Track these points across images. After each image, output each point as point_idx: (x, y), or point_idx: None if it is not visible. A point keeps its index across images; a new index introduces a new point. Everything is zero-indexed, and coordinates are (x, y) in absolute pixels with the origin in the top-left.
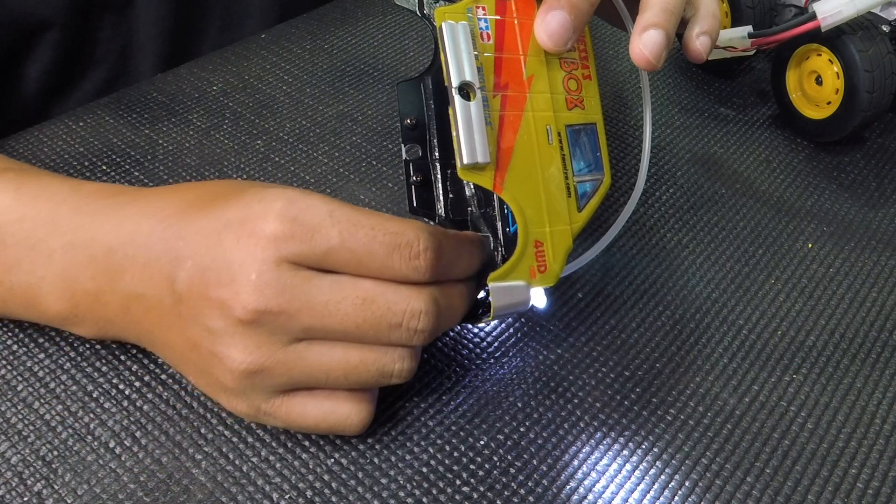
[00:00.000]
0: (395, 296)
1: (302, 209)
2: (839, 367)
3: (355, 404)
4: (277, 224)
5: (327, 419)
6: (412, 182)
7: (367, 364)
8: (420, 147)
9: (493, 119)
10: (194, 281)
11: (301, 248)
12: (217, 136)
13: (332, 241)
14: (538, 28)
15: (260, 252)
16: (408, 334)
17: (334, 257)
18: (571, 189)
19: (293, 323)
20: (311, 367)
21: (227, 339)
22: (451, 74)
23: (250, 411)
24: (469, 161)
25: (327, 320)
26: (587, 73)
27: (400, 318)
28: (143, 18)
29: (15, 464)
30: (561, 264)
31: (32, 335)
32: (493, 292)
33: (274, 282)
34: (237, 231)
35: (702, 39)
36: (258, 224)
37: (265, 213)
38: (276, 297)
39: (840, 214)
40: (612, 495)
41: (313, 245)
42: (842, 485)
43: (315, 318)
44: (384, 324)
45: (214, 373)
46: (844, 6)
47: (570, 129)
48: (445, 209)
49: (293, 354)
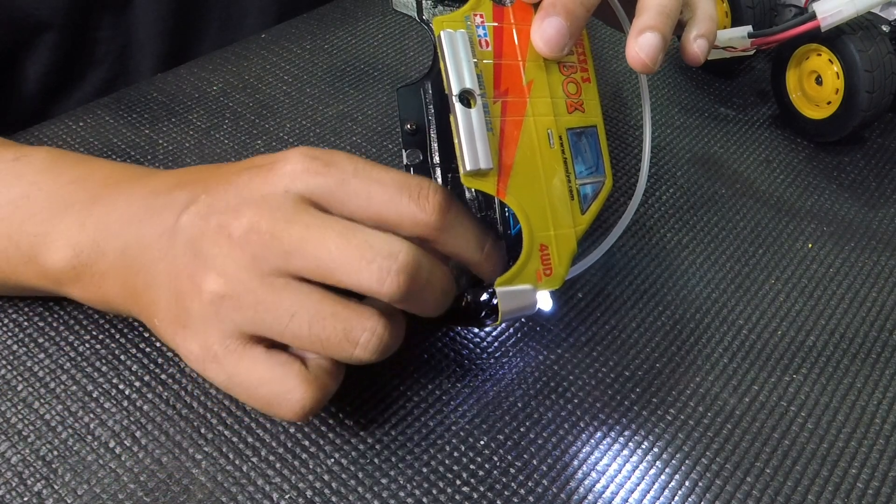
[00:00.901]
0: (380, 237)
1: (324, 152)
2: (839, 367)
3: (304, 384)
4: (297, 162)
5: (270, 385)
6: None
7: (337, 319)
8: (420, 152)
9: (494, 125)
10: (200, 211)
11: (315, 180)
12: (217, 136)
13: (346, 171)
14: (535, 35)
15: (271, 184)
16: (379, 273)
17: (345, 188)
18: (574, 192)
19: (276, 247)
20: (279, 305)
21: (210, 260)
22: (452, 82)
23: (201, 352)
24: (472, 168)
25: (308, 245)
26: (586, 75)
27: (375, 253)
28: (143, 18)
29: (15, 464)
30: (566, 267)
31: (32, 335)
32: (500, 296)
33: (274, 203)
34: (258, 170)
35: (699, 42)
36: (279, 164)
37: (288, 156)
38: (269, 218)
39: (840, 214)
40: (612, 495)
41: (328, 175)
42: (842, 485)
43: (295, 241)
44: (356, 254)
45: (184, 300)
46: (844, 6)
47: (570, 133)
48: None
49: (267, 286)
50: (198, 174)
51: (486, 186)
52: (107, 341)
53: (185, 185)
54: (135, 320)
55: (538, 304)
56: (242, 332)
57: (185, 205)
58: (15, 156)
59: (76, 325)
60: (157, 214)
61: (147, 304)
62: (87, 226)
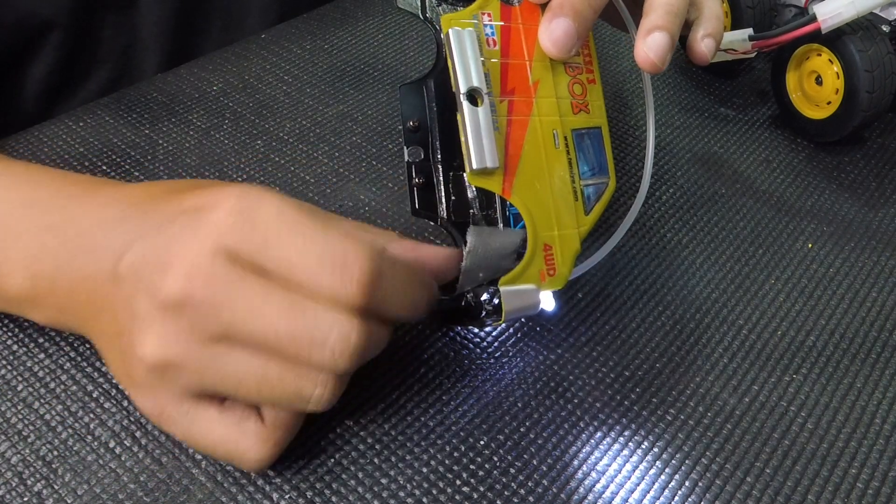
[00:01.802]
0: (325, 313)
1: (252, 204)
2: (839, 367)
3: (260, 442)
4: (224, 215)
5: (226, 445)
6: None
7: (285, 382)
8: (422, 149)
9: (500, 124)
10: (135, 263)
11: (239, 242)
12: (217, 136)
13: (269, 240)
14: (542, 35)
15: (199, 240)
16: (331, 357)
17: (267, 255)
18: (578, 192)
19: (214, 317)
20: (225, 372)
21: (147, 325)
22: (459, 80)
23: (155, 411)
24: (478, 166)
25: (250, 322)
26: (591, 77)
27: (325, 334)
28: (146, 18)
29: (15, 464)
30: (569, 267)
31: (32, 335)
32: (503, 296)
33: (205, 270)
34: (187, 219)
35: (706, 42)
36: (207, 214)
37: (217, 204)
38: (203, 287)
39: (840, 214)
40: (612, 495)
41: (251, 239)
42: (842, 485)
43: (238, 316)
44: (307, 338)
45: (130, 361)
46: (845, 8)
47: (575, 133)
48: (447, 211)
49: (209, 353)
50: (137, 206)
51: (491, 185)
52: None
53: (124, 219)
54: None
55: (541, 304)
56: (192, 393)
57: (121, 250)
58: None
59: None
60: (100, 254)
61: (100, 349)
62: (39, 257)
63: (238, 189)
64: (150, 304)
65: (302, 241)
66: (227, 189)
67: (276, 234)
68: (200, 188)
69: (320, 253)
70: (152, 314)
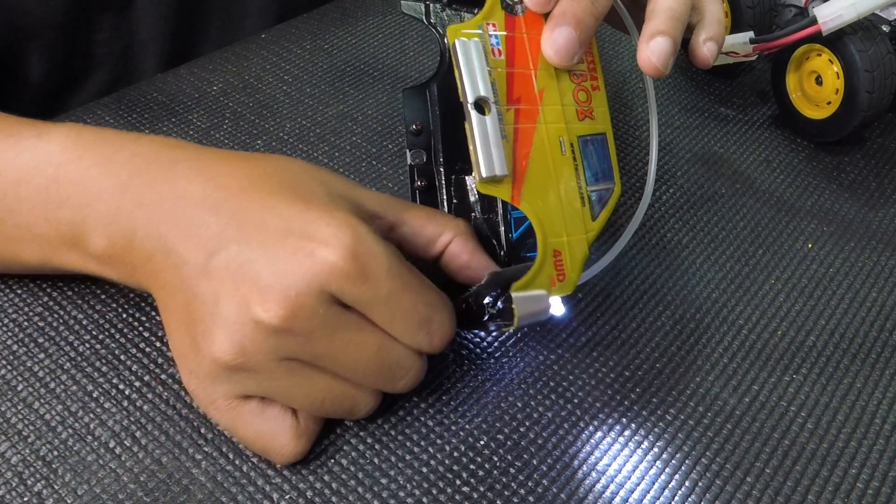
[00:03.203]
0: (407, 355)
1: (366, 253)
2: (839, 367)
3: (296, 438)
4: (339, 257)
5: (264, 439)
6: (417, 187)
7: (345, 399)
8: (425, 153)
9: (507, 132)
10: (231, 266)
11: (348, 288)
12: (217, 136)
13: (380, 293)
14: (545, 44)
15: (311, 275)
16: (401, 386)
17: (373, 306)
18: (585, 198)
19: (305, 348)
20: (291, 386)
21: (232, 331)
22: (467, 90)
23: (204, 398)
24: (488, 174)
25: (340, 356)
26: (596, 83)
27: (404, 372)
28: (144, 19)
29: (15, 464)
30: (578, 272)
31: (32, 335)
32: (516, 302)
33: (309, 307)
34: (296, 243)
35: (708, 45)
36: (321, 249)
37: (331, 241)
38: (304, 322)
39: (840, 214)
40: (612, 495)
41: (362, 290)
42: (842, 485)
43: (330, 350)
44: (388, 374)
45: (199, 350)
46: (845, 10)
47: (581, 140)
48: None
49: (283, 369)
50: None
51: (500, 193)
52: (107, 341)
53: (216, 208)
54: (135, 320)
55: (551, 309)
56: (245, 395)
57: (213, 244)
58: (37, 132)
59: (76, 325)
60: (185, 234)
61: (164, 318)
62: (118, 217)
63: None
64: (241, 314)
65: (408, 298)
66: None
67: (386, 291)
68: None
69: (422, 314)
70: (241, 324)
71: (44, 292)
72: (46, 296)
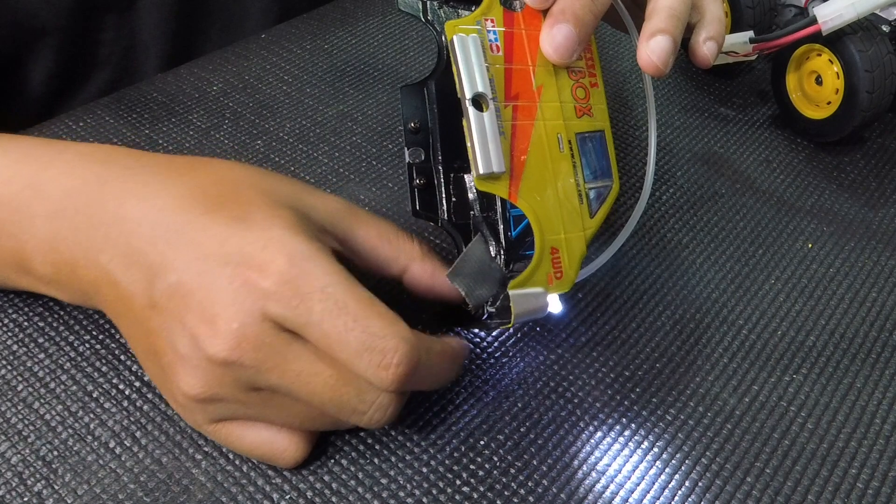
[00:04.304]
0: (368, 389)
1: (301, 274)
2: (839, 367)
3: (295, 441)
4: (272, 283)
5: (261, 448)
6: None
7: (325, 419)
8: (423, 151)
9: (505, 129)
10: (174, 298)
11: (286, 313)
12: (217, 136)
13: (313, 317)
14: (544, 41)
15: (249, 303)
16: (367, 421)
17: (310, 331)
18: (583, 195)
19: (260, 377)
20: (268, 411)
21: (191, 367)
22: (465, 86)
23: (190, 421)
24: (485, 171)
25: (295, 387)
26: (594, 80)
27: (367, 407)
28: (146, 21)
29: (15, 464)
30: (576, 270)
31: (32, 335)
32: (513, 300)
33: (253, 337)
34: (233, 271)
35: (708, 45)
36: (256, 275)
37: (266, 265)
38: (251, 352)
39: (840, 214)
40: (612, 495)
41: (297, 314)
42: (842, 485)
43: (284, 381)
44: (348, 408)
45: (168, 381)
46: (845, 10)
47: (579, 137)
48: (448, 213)
49: (254, 396)
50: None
51: (498, 190)
52: (107, 341)
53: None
54: None
55: (549, 307)
56: (228, 418)
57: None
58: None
59: (76, 325)
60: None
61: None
62: (56, 244)
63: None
64: (193, 349)
65: (342, 322)
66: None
67: (318, 314)
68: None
69: (359, 338)
70: (196, 360)
71: None
72: (46, 296)
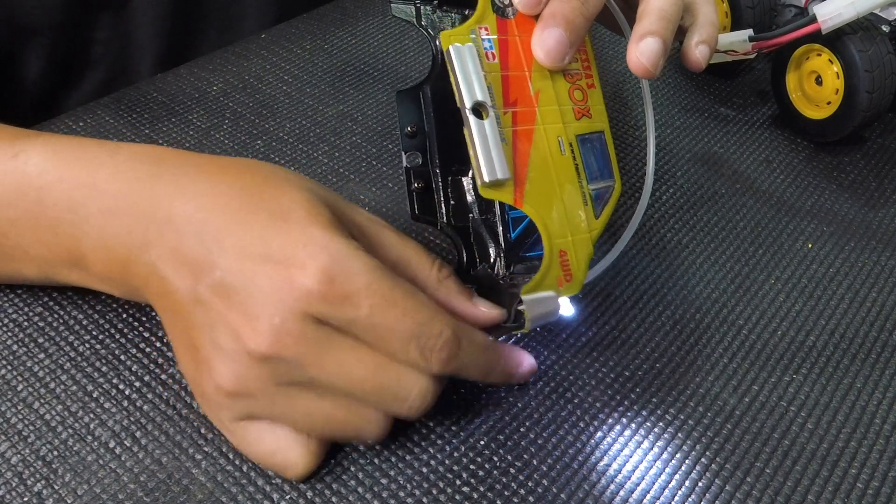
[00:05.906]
0: (409, 373)
1: (343, 272)
2: (839, 367)
3: (307, 453)
4: (315, 281)
5: (275, 457)
6: (413, 189)
7: (350, 422)
8: (420, 154)
9: (506, 136)
10: (219, 294)
11: (329, 310)
12: (217, 136)
13: (361, 312)
14: (535, 46)
15: (291, 301)
16: (408, 409)
17: (357, 326)
18: (587, 197)
19: (300, 372)
20: (294, 410)
21: (229, 359)
22: (464, 95)
23: (214, 418)
24: (490, 178)
25: (335, 378)
26: (591, 81)
27: (408, 392)
28: (141, 20)
29: (15, 464)
30: (585, 272)
31: (32, 335)
32: (526, 305)
33: (295, 332)
34: (274, 268)
35: (700, 48)
36: (297, 273)
37: (307, 263)
38: (292, 347)
39: (840, 214)
40: (612, 495)
41: (342, 311)
42: (842, 485)
43: (324, 373)
44: (390, 395)
45: (201, 375)
46: (845, 9)
47: (580, 139)
48: (447, 215)
49: (284, 395)
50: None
51: (503, 196)
52: (107, 341)
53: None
54: (135, 320)
55: (560, 309)
56: (252, 416)
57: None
58: (13, 152)
59: (76, 325)
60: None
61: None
62: (110, 243)
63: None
64: (233, 343)
65: (392, 315)
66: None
67: (366, 309)
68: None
69: (408, 327)
70: (236, 354)
71: (44, 292)
72: (46, 296)
